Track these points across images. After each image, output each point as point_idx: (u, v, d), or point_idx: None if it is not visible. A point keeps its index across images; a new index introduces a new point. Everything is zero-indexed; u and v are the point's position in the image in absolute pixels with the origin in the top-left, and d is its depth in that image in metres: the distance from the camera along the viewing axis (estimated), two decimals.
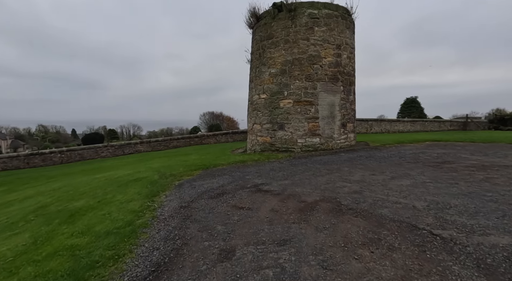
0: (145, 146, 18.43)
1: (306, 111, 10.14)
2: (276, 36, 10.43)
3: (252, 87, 11.53)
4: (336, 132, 10.43)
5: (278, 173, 6.86)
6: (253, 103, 11.41)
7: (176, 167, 8.58)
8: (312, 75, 10.09)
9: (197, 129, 51.49)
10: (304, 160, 8.51)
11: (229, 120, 64.33)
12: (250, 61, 12.14)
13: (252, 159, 9.24)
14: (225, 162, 8.92)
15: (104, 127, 77.51)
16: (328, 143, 10.29)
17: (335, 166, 7.21)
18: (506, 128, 22.72)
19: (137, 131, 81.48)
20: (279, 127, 10.44)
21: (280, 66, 10.38)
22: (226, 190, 5.49)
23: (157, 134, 73.25)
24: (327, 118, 10.27)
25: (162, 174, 7.36)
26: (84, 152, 17.05)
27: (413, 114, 39.45)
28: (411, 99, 42.63)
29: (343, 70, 10.53)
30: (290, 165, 7.93)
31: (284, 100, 10.34)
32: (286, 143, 10.33)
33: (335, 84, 10.33)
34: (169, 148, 18.93)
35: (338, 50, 10.35)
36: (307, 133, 10.18)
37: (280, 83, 10.37)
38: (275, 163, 8.32)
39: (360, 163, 7.51)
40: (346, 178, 5.87)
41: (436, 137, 12.36)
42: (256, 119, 11.20)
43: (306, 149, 10.16)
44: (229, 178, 6.63)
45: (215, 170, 7.82)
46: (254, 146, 11.28)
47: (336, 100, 10.40)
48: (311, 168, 7.25)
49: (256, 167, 7.85)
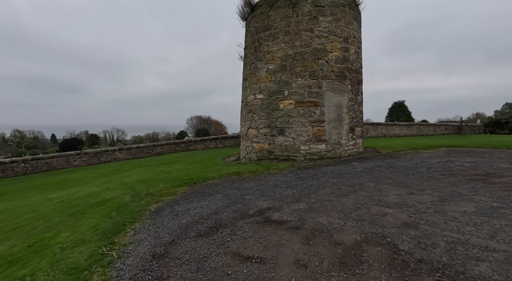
0: (124, 153, 16.53)
1: (310, 114, 8.76)
2: (275, 27, 9.05)
3: (247, 86, 10.07)
4: (344, 137, 9.08)
5: (285, 190, 5.38)
6: (247, 104, 9.94)
7: (156, 182, 6.95)
8: (317, 72, 8.74)
9: (184, 134, 49.42)
10: (312, 172, 7.08)
11: (217, 124, 62.87)
12: (244, 57, 10.69)
13: (249, 170, 7.73)
14: (216, 175, 7.37)
15: (86, 132, 73.92)
16: (335, 150, 8.92)
17: (355, 181, 5.80)
18: (503, 132, 22.23)
19: (121, 136, 78.15)
20: (279, 132, 9.00)
21: (279, 62, 8.98)
22: (221, 220, 3.95)
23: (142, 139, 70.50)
24: (334, 122, 8.92)
25: (136, 193, 5.73)
26: (53, 161, 14.99)
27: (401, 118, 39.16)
28: (398, 103, 42.47)
29: (351, 66, 9.24)
30: (297, 178, 6.47)
31: (284, 101, 8.92)
32: (287, 150, 8.89)
33: (342, 82, 9.01)
34: (152, 155, 17.12)
35: (346, 43, 9.07)
36: (311, 139, 8.78)
37: (280, 81, 8.96)
38: (278, 176, 6.85)
39: (384, 175, 6.15)
40: (378, 198, 4.46)
41: (449, 142, 11.26)
42: (251, 123, 9.72)
43: (310, 157, 8.75)
44: (223, 198, 5.09)
45: (204, 186, 6.26)
46: (249, 154, 9.78)
47: (344, 101, 9.08)
48: (325, 183, 5.82)
49: (255, 181, 6.35)
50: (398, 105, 42.75)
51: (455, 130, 26.62)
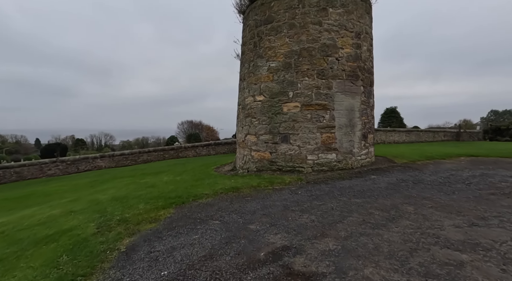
0: (107, 160, 15.01)
1: (318, 118, 7.62)
2: (278, 19, 7.93)
3: (244, 87, 8.89)
4: (356, 146, 7.96)
5: (300, 215, 4.18)
6: (245, 107, 8.74)
7: (135, 201, 5.63)
8: (326, 71, 7.63)
9: (174, 139, 47.75)
10: (326, 187, 5.90)
11: (208, 129, 61.56)
12: (241, 55, 9.53)
13: (249, 184, 6.50)
14: (209, 190, 6.10)
15: (72, 137, 71.16)
16: (346, 160, 7.78)
17: (385, 202, 4.64)
18: (504, 139, 21.69)
19: (109, 141, 75.54)
20: (282, 139, 7.82)
21: (283, 59, 7.84)
22: (220, 270, 2.70)
23: (131, 144, 68.27)
24: (345, 128, 7.80)
25: (106, 220, 4.40)
26: (24, 170, 13.36)
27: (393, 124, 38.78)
28: (391, 109, 42.14)
29: (364, 65, 8.19)
30: (309, 196, 5.27)
31: (288, 103, 7.76)
32: (292, 160, 7.70)
33: (354, 83, 7.93)
34: (138, 162, 15.65)
35: (358, 39, 8.02)
36: (319, 148, 7.62)
37: (283, 81, 7.81)
38: (286, 193, 5.64)
39: (417, 194, 5.01)
40: (433, 232, 3.29)
41: (465, 151, 10.30)
42: (250, 128, 8.51)
43: (318, 168, 7.58)
44: (220, 228, 3.84)
45: (195, 208, 4.99)
46: (248, 164, 8.54)
47: (356, 104, 7.99)
48: (347, 204, 4.64)
49: (259, 201, 5.11)
50: (391, 111, 42.39)
51: (453, 136, 26.06)
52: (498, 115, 53.67)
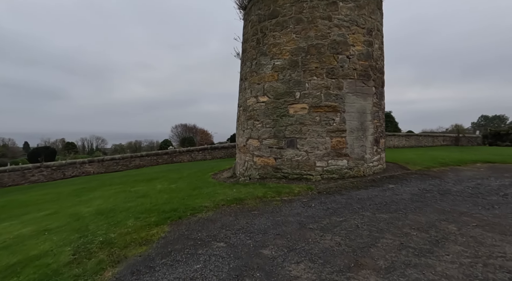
0: (96, 166, 14.08)
1: (328, 121, 6.97)
2: (284, 14, 7.30)
3: (246, 87, 8.20)
4: (368, 151, 7.33)
5: (321, 236, 3.47)
6: (247, 109, 8.04)
7: (124, 214, 4.85)
8: (336, 70, 7.01)
9: (168, 143, 46.70)
10: (341, 199, 5.22)
11: (202, 133, 60.79)
12: (242, 53, 8.87)
13: (253, 194, 5.78)
14: (209, 202, 5.36)
15: (62, 140, 69.27)
16: (358, 167, 7.13)
17: (418, 218, 3.97)
18: (504, 144, 21.45)
19: (101, 144, 73.77)
20: (288, 144, 7.13)
21: (289, 56, 7.20)
22: None
23: (123, 147, 66.80)
24: (357, 132, 7.17)
25: (86, 242, 3.62)
26: (4, 176, 12.34)
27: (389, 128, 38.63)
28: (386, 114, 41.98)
29: (375, 64, 7.60)
30: (326, 210, 4.58)
31: (295, 104, 7.10)
32: (299, 167, 7.01)
33: (366, 83, 7.32)
34: (129, 168, 14.76)
35: (369, 36, 7.43)
36: (329, 153, 6.96)
37: (290, 81, 7.16)
38: (297, 205, 4.93)
39: (451, 208, 4.36)
40: (498, 263, 2.63)
41: (481, 157, 9.76)
42: (252, 132, 7.81)
43: (328, 176, 6.91)
44: (228, 255, 3.11)
45: (194, 224, 4.25)
46: (249, 171, 7.82)
47: (368, 106, 7.37)
48: (373, 221, 3.96)
49: (269, 217, 4.40)
50: (386, 116, 42.24)
51: (452, 141, 25.83)
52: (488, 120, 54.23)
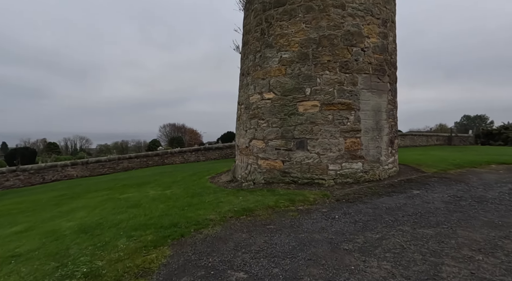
0: (79, 169, 12.96)
1: (341, 120, 6.33)
2: (292, 1, 6.61)
3: (249, 83, 7.47)
4: (383, 153, 6.74)
5: (365, 262, 2.80)
6: (250, 107, 7.31)
7: (113, 232, 4.04)
8: (350, 63, 6.38)
9: (157, 143, 45.30)
10: (366, 208, 4.59)
11: (191, 132, 59.81)
12: (243, 46, 8.12)
13: (264, 203, 5.06)
14: (215, 214, 4.61)
15: (44, 141, 66.23)
16: (373, 170, 6.53)
17: (470, 234, 3.36)
18: (497, 144, 21.59)
19: (85, 145, 71.01)
20: (298, 145, 6.45)
21: (298, 48, 6.52)
22: None
23: (109, 148, 64.53)
24: (372, 132, 6.57)
25: (66, 276, 2.81)
26: None
27: None
28: None
29: (390, 59, 7.03)
30: (353, 223, 3.92)
31: (305, 102, 6.43)
32: (310, 170, 6.34)
33: (381, 79, 6.73)
34: (116, 170, 13.72)
35: (384, 28, 6.85)
36: (343, 156, 6.33)
37: (299, 75, 6.47)
38: (317, 217, 4.25)
39: (501, 220, 3.78)
40: None
41: (488, 158, 9.38)
42: (256, 132, 7.09)
43: (342, 181, 6.27)
44: None
45: (201, 245, 3.49)
46: (253, 175, 7.10)
47: (383, 103, 6.79)
48: (417, 238, 3.33)
49: (289, 233, 3.69)
50: None
51: (445, 141, 25.89)
52: (470, 120, 55.59)
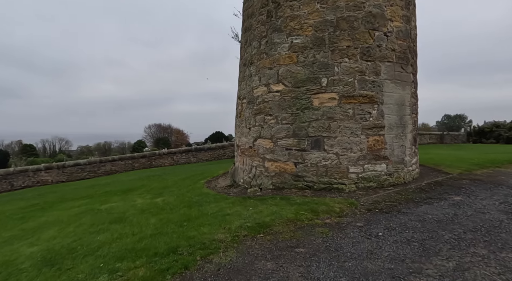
0: (55, 173, 11.54)
1: (363, 115, 5.48)
2: None
3: (252, 74, 6.51)
4: (407, 152, 5.96)
5: None
6: (254, 101, 6.35)
7: (91, 264, 2.98)
8: (372, 50, 5.54)
9: (142, 144, 43.44)
10: (410, 221, 3.74)
11: (178, 133, 58.31)
12: (244, 32, 7.15)
13: (281, 216, 4.13)
14: (224, 233, 3.63)
15: (19, 142, 62.43)
16: (398, 173, 5.73)
17: None
18: (489, 142, 21.63)
19: (65, 146, 67.54)
20: (313, 144, 5.55)
21: (312, 32, 5.61)
22: None
23: (91, 149, 61.73)
24: (396, 128, 5.76)
25: None
26: None
27: None
28: None
29: (413, 46, 6.26)
30: (406, 243, 3.05)
31: (321, 94, 5.53)
32: (328, 174, 5.45)
33: (404, 69, 5.95)
34: (98, 175, 12.38)
35: (407, 11, 6.07)
36: (365, 156, 5.48)
37: (313, 63, 5.58)
38: (355, 235, 3.36)
39: None
40: None
41: (504, 157, 8.88)
42: (262, 130, 6.14)
43: (365, 185, 5.42)
44: None
45: None
46: (259, 179, 6.14)
47: (407, 96, 6.01)
48: (505, 266, 2.49)
49: (330, 260, 2.77)
50: None
51: (437, 139, 25.86)
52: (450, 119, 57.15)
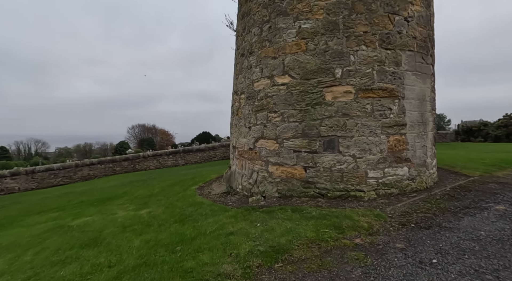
0: (23, 180, 10.20)
1: (383, 112, 4.76)
2: None
3: (252, 65, 5.66)
4: (429, 153, 5.30)
5: None
6: (255, 96, 5.51)
7: None
8: (392, 37, 4.83)
9: (125, 145, 41.52)
10: (460, 241, 3.03)
11: (163, 133, 56.73)
12: (241, 18, 6.29)
13: (299, 235, 3.32)
14: (231, 263, 2.79)
15: None
16: (421, 177, 5.05)
17: None
18: (477, 140, 21.79)
19: (41, 148, 63.88)
20: (326, 145, 4.77)
21: (323, 16, 4.84)
22: None
23: (70, 151, 58.79)
24: (418, 126, 5.08)
25: None
26: None
27: None
28: None
29: (433, 34, 5.62)
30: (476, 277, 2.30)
31: (335, 87, 4.77)
32: (343, 179, 4.69)
33: (425, 59, 5.28)
34: (74, 180, 11.13)
35: None
36: (386, 158, 4.76)
37: (325, 52, 4.80)
38: (400, 260, 2.60)
39: None
40: None
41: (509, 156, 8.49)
42: (265, 128, 5.30)
43: (385, 192, 4.70)
44: None
45: None
46: (262, 185, 5.30)
47: (427, 91, 5.35)
48: None
49: None
50: None
51: None
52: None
